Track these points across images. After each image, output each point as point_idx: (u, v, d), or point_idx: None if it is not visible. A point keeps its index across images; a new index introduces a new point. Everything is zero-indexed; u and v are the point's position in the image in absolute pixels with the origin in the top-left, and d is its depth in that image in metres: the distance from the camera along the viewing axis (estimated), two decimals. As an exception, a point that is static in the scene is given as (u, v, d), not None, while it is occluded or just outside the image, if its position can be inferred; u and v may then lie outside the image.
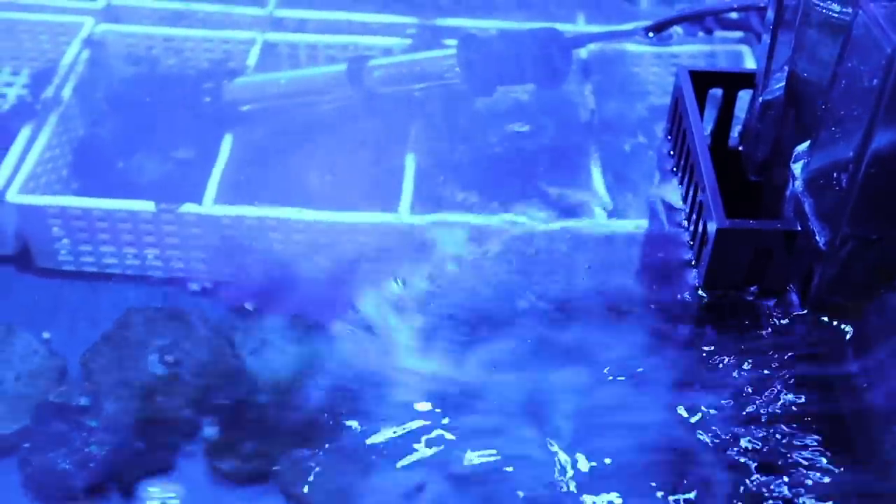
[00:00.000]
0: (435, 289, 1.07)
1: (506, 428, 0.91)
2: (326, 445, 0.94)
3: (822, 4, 0.83)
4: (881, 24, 0.73)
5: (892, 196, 0.78)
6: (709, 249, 0.85)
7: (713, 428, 0.84)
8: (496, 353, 0.98)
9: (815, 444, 0.81)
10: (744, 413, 0.83)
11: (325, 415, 0.96)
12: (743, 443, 0.82)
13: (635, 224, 1.08)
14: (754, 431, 0.82)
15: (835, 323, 0.85)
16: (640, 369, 0.90)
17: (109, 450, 0.94)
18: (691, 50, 1.33)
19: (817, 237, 0.82)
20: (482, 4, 1.45)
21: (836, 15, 0.82)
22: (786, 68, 0.92)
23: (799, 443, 0.81)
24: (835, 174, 0.80)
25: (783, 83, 0.93)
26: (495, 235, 1.09)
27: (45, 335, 1.06)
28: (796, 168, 0.87)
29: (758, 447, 0.81)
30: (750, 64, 1.30)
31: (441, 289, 1.06)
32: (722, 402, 0.85)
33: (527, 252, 1.10)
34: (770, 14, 0.93)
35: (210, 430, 0.98)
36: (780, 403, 0.83)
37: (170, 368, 1.01)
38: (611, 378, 0.91)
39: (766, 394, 0.83)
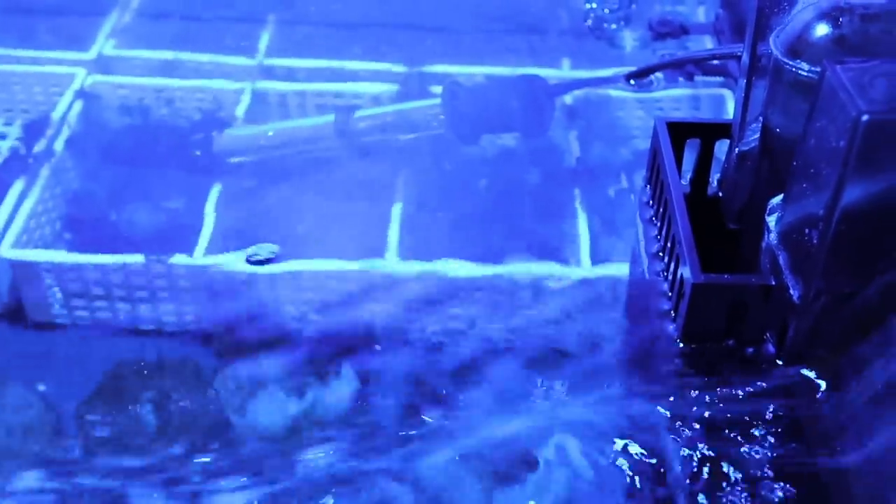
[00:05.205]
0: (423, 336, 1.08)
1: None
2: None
3: (791, 63, 0.84)
4: (847, 88, 0.74)
5: (864, 252, 0.79)
6: (685, 303, 0.87)
7: (694, 476, 0.85)
8: (478, 399, 0.99)
9: (791, 495, 0.82)
10: (720, 465, 0.84)
11: (317, 466, 0.97)
12: (720, 497, 0.83)
13: (618, 271, 1.09)
14: (730, 486, 0.83)
15: (811, 374, 0.86)
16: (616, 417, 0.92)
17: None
18: (674, 94, 1.35)
19: (791, 290, 0.83)
20: (469, 50, 1.47)
21: (805, 74, 0.83)
22: (760, 119, 0.93)
23: (776, 494, 0.82)
24: (806, 230, 0.81)
25: (758, 134, 0.94)
26: (481, 282, 1.11)
27: (40, 387, 1.07)
28: (771, 221, 0.89)
29: (735, 499, 0.82)
30: (731, 108, 1.31)
31: (427, 335, 1.08)
32: (700, 452, 0.86)
33: (511, 299, 1.11)
34: (745, 61, 0.94)
35: (201, 483, 0.99)
36: (756, 455, 0.84)
37: (162, 420, 1.02)
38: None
39: (743, 445, 0.85)
